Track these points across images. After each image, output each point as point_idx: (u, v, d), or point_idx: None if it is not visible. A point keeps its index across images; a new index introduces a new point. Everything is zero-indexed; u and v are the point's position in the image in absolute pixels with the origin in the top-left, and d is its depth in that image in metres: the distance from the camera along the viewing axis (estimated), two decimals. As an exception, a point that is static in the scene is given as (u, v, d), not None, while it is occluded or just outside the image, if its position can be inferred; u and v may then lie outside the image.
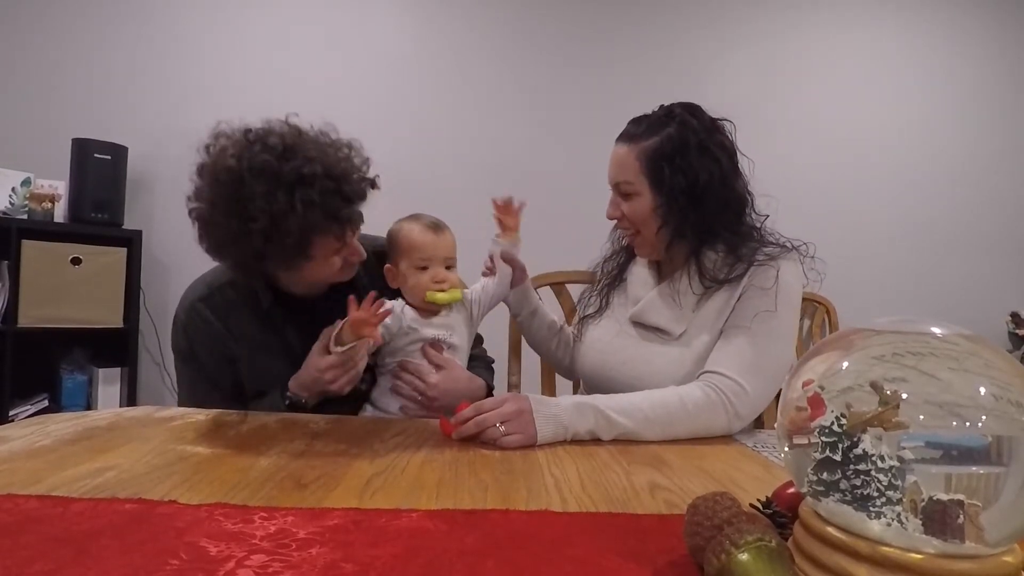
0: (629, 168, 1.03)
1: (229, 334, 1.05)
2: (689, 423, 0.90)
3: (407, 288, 1.08)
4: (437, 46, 2.59)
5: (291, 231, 0.87)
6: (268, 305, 1.06)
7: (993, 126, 2.75)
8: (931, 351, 0.39)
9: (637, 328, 1.10)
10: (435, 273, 1.06)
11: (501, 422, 0.81)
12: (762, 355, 0.95)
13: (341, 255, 0.99)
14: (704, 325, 1.01)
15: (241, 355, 1.06)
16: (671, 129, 1.01)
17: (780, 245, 1.03)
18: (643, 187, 1.02)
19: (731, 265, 1.01)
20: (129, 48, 2.46)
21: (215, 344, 1.05)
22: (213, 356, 1.05)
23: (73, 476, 0.61)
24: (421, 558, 0.45)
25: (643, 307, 1.08)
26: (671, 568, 0.45)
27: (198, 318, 1.05)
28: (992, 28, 2.75)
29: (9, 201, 2.14)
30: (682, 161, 0.99)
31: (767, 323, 0.96)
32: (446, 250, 1.08)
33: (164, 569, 0.42)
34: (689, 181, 0.99)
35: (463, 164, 2.55)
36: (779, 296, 0.96)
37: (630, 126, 1.06)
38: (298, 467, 0.67)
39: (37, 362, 2.23)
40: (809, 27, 2.73)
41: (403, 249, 1.08)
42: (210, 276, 1.10)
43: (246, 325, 1.06)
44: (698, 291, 1.03)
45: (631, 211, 1.04)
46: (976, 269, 2.72)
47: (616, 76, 2.60)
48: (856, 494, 0.36)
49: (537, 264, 1.33)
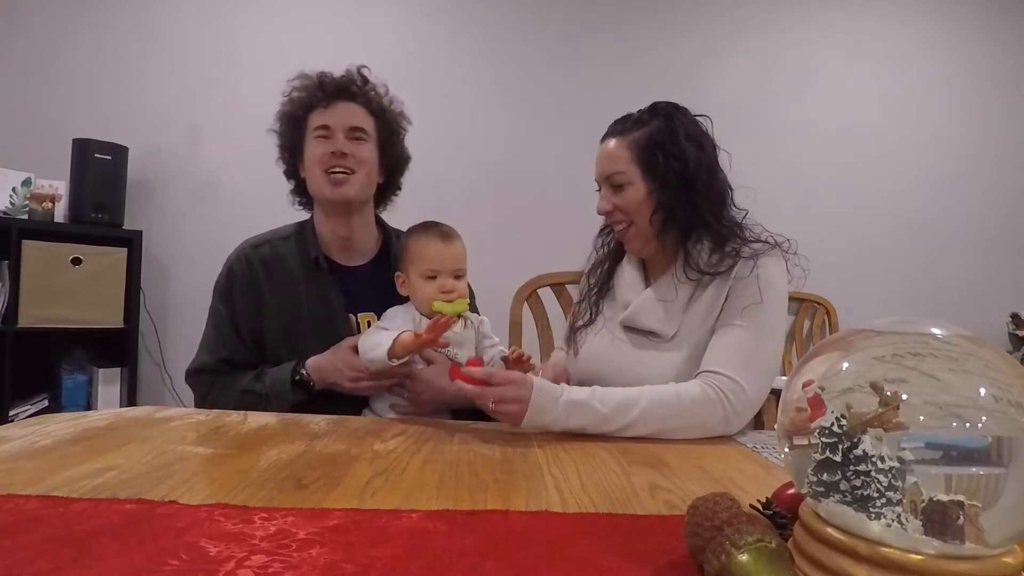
0: (620, 159, 1.05)
1: (268, 284, 1.14)
2: (687, 420, 0.91)
3: (415, 297, 1.08)
4: (437, 46, 2.59)
5: (282, 119, 1.17)
6: (315, 255, 1.15)
7: (993, 126, 2.75)
8: (931, 352, 0.39)
9: (629, 333, 1.10)
10: (443, 283, 1.05)
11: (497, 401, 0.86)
12: (756, 351, 0.96)
13: (323, 139, 1.11)
14: (694, 326, 1.02)
15: (273, 309, 1.13)
16: (658, 122, 1.05)
17: (763, 241, 1.05)
18: (635, 176, 1.04)
19: (718, 260, 1.02)
20: (129, 48, 2.46)
21: (251, 290, 1.14)
22: (247, 301, 1.14)
23: (73, 476, 0.61)
24: (421, 559, 0.45)
25: (634, 310, 1.08)
26: (671, 568, 0.45)
27: (245, 262, 1.15)
28: (992, 28, 2.75)
29: (9, 201, 2.14)
30: (672, 147, 1.02)
31: (757, 319, 0.97)
32: (455, 260, 1.07)
33: (164, 569, 0.42)
34: (680, 165, 1.02)
35: (463, 164, 2.54)
36: (766, 292, 0.98)
37: (616, 124, 1.09)
38: (298, 467, 0.67)
39: (37, 362, 2.23)
40: (809, 27, 2.73)
41: (412, 258, 1.08)
42: (270, 232, 1.22)
43: (288, 281, 1.15)
44: (686, 286, 1.04)
45: (624, 202, 1.05)
46: (976, 269, 2.72)
47: (616, 76, 2.60)
48: (856, 495, 0.36)
49: (537, 264, 1.34)
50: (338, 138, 1.12)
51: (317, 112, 1.13)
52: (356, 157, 1.12)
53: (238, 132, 2.48)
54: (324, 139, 1.12)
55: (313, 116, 1.14)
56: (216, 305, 1.16)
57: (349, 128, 1.13)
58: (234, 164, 2.47)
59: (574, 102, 2.60)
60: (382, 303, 1.14)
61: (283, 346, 1.13)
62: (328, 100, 1.13)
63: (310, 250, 1.16)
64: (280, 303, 1.14)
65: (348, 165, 1.12)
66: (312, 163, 1.13)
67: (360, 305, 1.18)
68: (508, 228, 2.50)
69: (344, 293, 1.16)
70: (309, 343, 1.11)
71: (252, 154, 2.48)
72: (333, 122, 1.12)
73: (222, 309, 1.14)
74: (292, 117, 1.16)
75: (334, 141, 1.11)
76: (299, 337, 1.13)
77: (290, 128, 1.17)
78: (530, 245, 1.25)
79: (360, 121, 1.14)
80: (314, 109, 1.14)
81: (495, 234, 2.37)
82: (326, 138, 1.12)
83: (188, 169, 2.47)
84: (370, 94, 1.18)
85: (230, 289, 1.15)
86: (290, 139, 1.18)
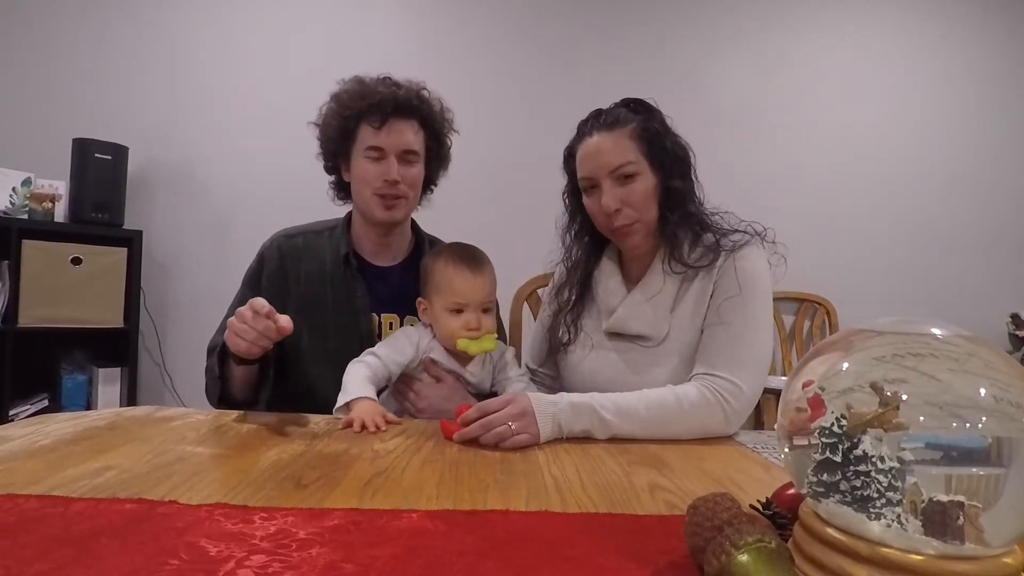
0: (628, 149, 1.01)
1: (296, 274, 1.16)
2: (686, 423, 0.90)
3: (438, 329, 1.03)
4: (437, 46, 2.59)
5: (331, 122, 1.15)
6: (346, 252, 1.16)
7: (993, 126, 2.75)
8: (931, 352, 0.39)
9: (616, 341, 1.07)
10: (469, 320, 0.99)
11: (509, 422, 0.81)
12: (748, 347, 0.96)
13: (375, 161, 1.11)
14: (684, 325, 1.01)
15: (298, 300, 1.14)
16: (644, 114, 1.04)
17: (741, 231, 1.04)
18: (643, 166, 1.02)
19: (700, 253, 1.02)
20: (129, 48, 2.46)
21: (278, 279, 1.15)
22: (273, 288, 1.14)
23: (73, 476, 0.61)
24: (421, 558, 0.45)
25: (620, 316, 1.05)
26: (671, 568, 0.45)
27: (276, 251, 1.17)
28: (993, 28, 2.75)
29: (9, 201, 2.14)
30: (667, 138, 1.03)
31: (743, 314, 0.96)
32: (485, 293, 1.00)
33: (164, 569, 0.42)
34: (680, 156, 1.03)
35: (463, 164, 2.54)
36: (749, 285, 0.97)
37: (599, 120, 1.05)
38: (298, 467, 0.67)
39: (37, 362, 2.23)
40: (809, 28, 2.73)
41: (438, 287, 1.01)
42: (307, 225, 1.23)
43: (316, 275, 1.16)
44: (672, 279, 1.03)
45: (635, 195, 1.01)
46: (976, 270, 2.72)
47: (616, 76, 2.60)
48: (856, 495, 0.36)
49: (537, 264, 1.33)
50: (392, 161, 1.10)
51: (369, 129, 1.11)
52: (407, 182, 1.12)
53: (238, 132, 2.48)
54: (376, 161, 1.11)
55: (365, 131, 1.12)
56: (243, 289, 1.17)
57: (402, 151, 1.12)
58: (234, 164, 2.47)
59: (574, 102, 2.56)
60: (407, 306, 1.14)
61: (304, 338, 1.13)
62: (384, 119, 1.10)
63: (342, 246, 1.17)
64: (305, 295, 1.15)
65: (400, 192, 1.12)
66: (363, 183, 1.12)
67: (384, 306, 1.18)
68: (508, 228, 2.49)
69: (370, 292, 1.16)
70: (331, 338, 1.12)
71: (253, 154, 2.49)
72: (387, 144, 1.11)
73: (248, 293, 1.13)
74: (342, 127, 1.13)
75: (387, 166, 1.10)
76: (321, 331, 1.13)
77: (338, 135, 1.14)
78: (530, 245, 1.25)
79: (413, 143, 1.13)
80: (366, 122, 1.11)
81: (495, 234, 2.36)
82: (378, 160, 1.11)
83: (188, 169, 2.47)
84: (424, 111, 1.16)
85: (259, 275, 1.16)
86: (337, 145, 1.16)
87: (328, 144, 1.18)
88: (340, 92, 1.15)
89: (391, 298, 1.18)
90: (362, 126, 1.12)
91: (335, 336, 1.13)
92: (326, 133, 1.17)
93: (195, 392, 2.38)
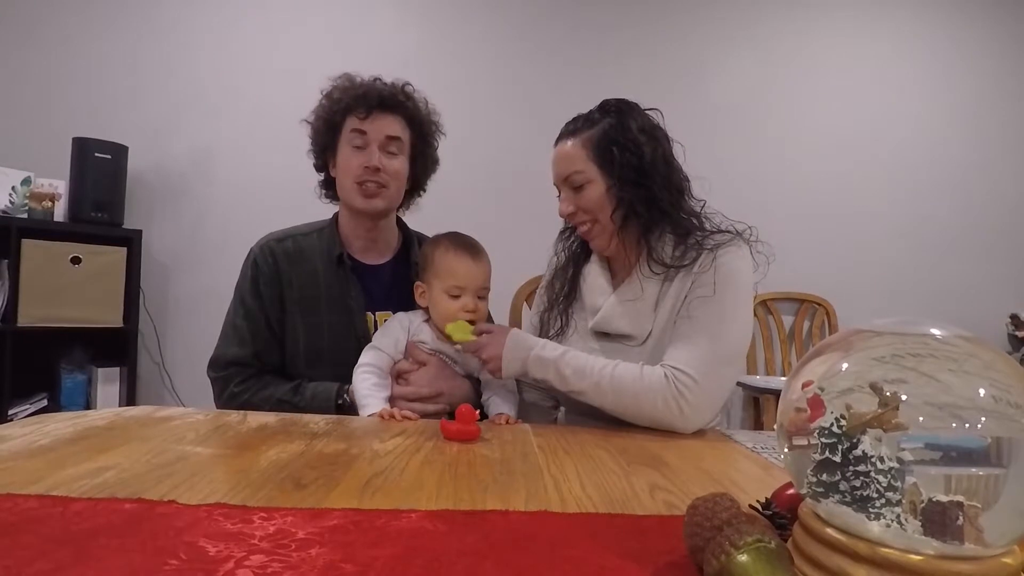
0: (577, 158, 1.05)
1: (291, 277, 1.15)
2: (638, 400, 0.94)
3: (435, 312, 1.08)
4: (437, 46, 2.59)
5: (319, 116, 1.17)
6: (340, 252, 1.16)
7: (993, 127, 2.75)
8: (931, 353, 0.39)
9: (601, 340, 1.09)
10: (466, 303, 1.04)
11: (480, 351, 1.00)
12: (711, 343, 0.96)
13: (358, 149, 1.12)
14: (665, 323, 1.02)
15: (294, 302, 1.14)
16: (610, 118, 1.05)
17: (725, 231, 1.05)
18: (593, 173, 1.04)
19: (682, 253, 1.03)
20: (129, 48, 2.46)
21: (274, 283, 1.15)
22: (271, 293, 1.15)
23: (72, 476, 0.61)
24: (421, 559, 0.45)
25: (604, 315, 1.08)
26: (671, 569, 0.45)
27: (269, 255, 1.16)
28: (993, 29, 2.75)
29: (9, 200, 2.14)
30: (627, 141, 1.03)
31: (713, 308, 0.97)
32: (482, 279, 1.06)
33: (163, 569, 0.42)
34: (636, 158, 1.02)
35: (463, 164, 2.53)
36: (725, 283, 0.98)
37: (568, 125, 1.09)
38: (297, 467, 0.67)
39: (37, 361, 2.22)
40: (810, 28, 2.73)
41: (438, 272, 1.06)
42: (292, 228, 1.22)
43: (310, 276, 1.16)
44: (653, 281, 1.04)
45: (585, 201, 1.05)
46: (976, 271, 2.72)
47: (617, 77, 2.60)
48: (856, 495, 0.36)
49: (537, 264, 1.33)
50: (373, 149, 1.12)
51: (355, 119, 1.13)
52: (389, 171, 1.13)
53: (238, 132, 2.48)
54: (359, 149, 1.13)
55: (351, 121, 1.14)
56: (242, 298, 1.16)
57: (385, 138, 1.13)
58: (234, 164, 2.47)
59: (574, 102, 2.57)
60: (400, 303, 1.16)
61: (301, 340, 1.14)
62: (369, 111, 1.13)
63: (334, 247, 1.18)
64: (301, 297, 1.15)
65: (381, 180, 1.13)
66: (345, 172, 1.14)
67: (378, 304, 1.19)
68: (508, 228, 2.49)
69: (363, 291, 1.17)
70: (327, 338, 1.13)
71: (253, 154, 2.49)
72: (371, 130, 1.13)
73: (250, 301, 1.15)
74: (329, 120, 1.16)
75: (369, 153, 1.12)
76: (317, 332, 1.14)
77: (326, 128, 1.17)
78: (530, 245, 1.25)
79: (396, 131, 1.15)
80: (353, 114, 1.14)
81: (495, 234, 2.36)
82: (361, 148, 1.12)
83: (188, 169, 2.47)
84: (409, 106, 1.17)
85: (256, 282, 1.15)
86: (324, 139, 1.18)
87: (316, 138, 1.19)
88: (330, 88, 1.17)
89: (384, 296, 1.19)
90: (348, 118, 1.14)
91: (331, 336, 1.13)
92: (315, 127, 1.19)
93: (195, 392, 2.39)
